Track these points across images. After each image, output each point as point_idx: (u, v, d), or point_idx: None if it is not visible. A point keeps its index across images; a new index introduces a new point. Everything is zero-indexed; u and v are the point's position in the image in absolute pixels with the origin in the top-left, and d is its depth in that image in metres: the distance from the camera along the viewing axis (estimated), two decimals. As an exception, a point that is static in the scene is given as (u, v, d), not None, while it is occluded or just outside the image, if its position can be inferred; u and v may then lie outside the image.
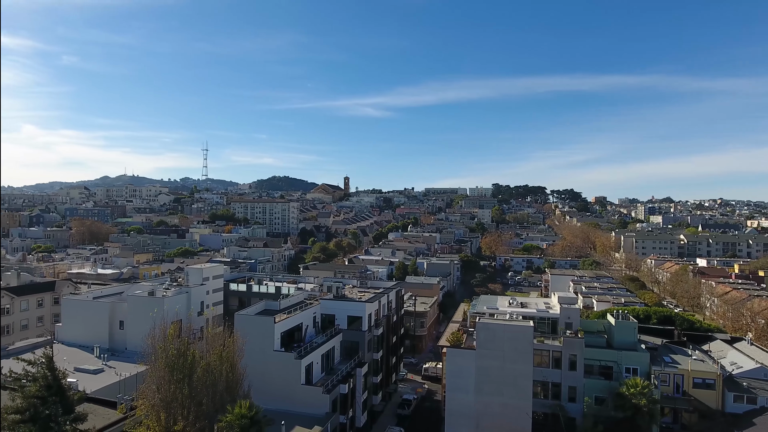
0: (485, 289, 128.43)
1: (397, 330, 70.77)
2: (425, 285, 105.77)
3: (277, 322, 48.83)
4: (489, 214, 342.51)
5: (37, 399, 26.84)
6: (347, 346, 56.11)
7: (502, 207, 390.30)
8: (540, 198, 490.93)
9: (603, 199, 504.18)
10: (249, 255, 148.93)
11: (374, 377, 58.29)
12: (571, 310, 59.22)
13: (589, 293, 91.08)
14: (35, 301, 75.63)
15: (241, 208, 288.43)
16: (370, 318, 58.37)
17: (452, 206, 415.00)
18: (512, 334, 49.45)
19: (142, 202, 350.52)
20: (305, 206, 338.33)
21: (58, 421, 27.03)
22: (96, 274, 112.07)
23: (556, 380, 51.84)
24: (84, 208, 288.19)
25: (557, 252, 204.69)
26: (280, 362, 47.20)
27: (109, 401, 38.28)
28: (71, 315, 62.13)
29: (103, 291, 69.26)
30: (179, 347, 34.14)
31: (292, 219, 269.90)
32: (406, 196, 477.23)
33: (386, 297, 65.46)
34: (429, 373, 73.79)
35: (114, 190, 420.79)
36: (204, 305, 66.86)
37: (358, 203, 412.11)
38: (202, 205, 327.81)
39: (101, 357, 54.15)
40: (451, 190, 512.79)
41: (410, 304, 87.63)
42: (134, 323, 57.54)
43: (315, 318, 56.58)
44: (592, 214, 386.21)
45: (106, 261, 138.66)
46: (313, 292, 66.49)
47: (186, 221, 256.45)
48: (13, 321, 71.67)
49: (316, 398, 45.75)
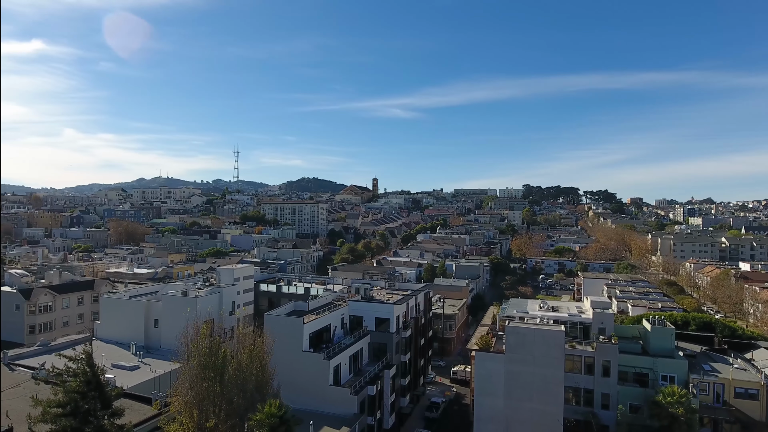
0: (515, 292, 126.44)
1: (425, 332, 70.42)
2: (454, 287, 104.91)
3: (306, 323, 49.30)
4: (519, 216, 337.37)
5: (77, 394, 27.57)
6: (375, 347, 56.15)
7: (532, 208, 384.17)
8: (572, 199, 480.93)
9: (639, 201, 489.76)
10: (278, 256, 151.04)
11: (402, 379, 58.15)
12: (605, 315, 57.66)
13: (624, 298, 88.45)
14: (76, 299, 78.59)
15: (271, 210, 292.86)
16: (398, 320, 58.27)
17: (482, 207, 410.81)
18: (543, 339, 48.47)
19: (176, 203, 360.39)
20: (334, 207, 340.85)
21: (96, 415, 27.70)
22: (132, 273, 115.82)
23: (588, 387, 50.63)
24: (121, 210, 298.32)
25: (590, 255, 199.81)
26: (308, 362, 47.60)
27: (144, 397, 39.30)
28: (109, 313, 64.32)
29: (138, 290, 71.44)
30: (211, 346, 34.85)
31: (321, 220, 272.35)
32: (434, 197, 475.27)
33: (414, 299, 65.24)
34: (458, 377, 73.12)
35: (149, 191, 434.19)
36: (235, 305, 68.13)
37: (386, 204, 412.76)
38: (233, 206, 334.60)
39: (137, 354, 55.83)
40: (480, 191, 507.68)
41: (438, 306, 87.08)
42: (168, 322, 59.07)
43: (343, 319, 56.87)
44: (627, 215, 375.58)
45: (141, 261, 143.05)
46: (342, 294, 66.85)
47: (218, 222, 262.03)
48: (54, 318, 74.66)
49: (344, 399, 45.95)
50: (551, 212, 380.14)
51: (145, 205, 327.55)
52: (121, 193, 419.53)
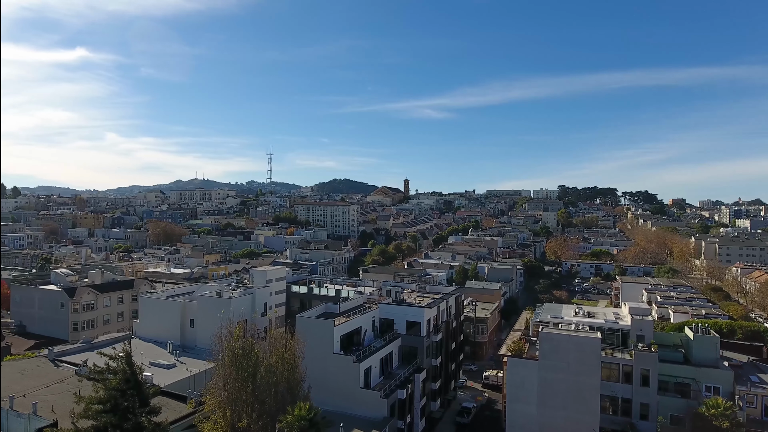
0: (550, 295, 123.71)
1: (457, 336, 69.71)
2: (486, 290, 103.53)
3: (336, 325, 49.51)
4: (554, 217, 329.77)
5: (117, 391, 28.36)
6: (406, 351, 55.91)
7: (568, 210, 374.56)
8: (610, 200, 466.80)
9: (681, 202, 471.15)
10: (310, 257, 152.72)
11: (433, 383, 57.71)
12: (644, 322, 55.69)
13: (665, 303, 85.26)
14: (116, 298, 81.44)
15: (303, 211, 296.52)
16: (429, 324, 57.88)
17: (515, 209, 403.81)
18: (578, 346, 47.19)
19: (212, 204, 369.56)
20: (365, 209, 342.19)
21: (135, 412, 28.44)
22: (169, 273, 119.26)
23: (626, 396, 49.02)
24: (159, 211, 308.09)
25: (629, 258, 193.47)
26: (339, 365, 47.79)
27: (180, 395, 40.14)
28: (147, 312, 66.32)
29: (175, 290, 73.40)
30: (244, 347, 35.43)
31: (352, 221, 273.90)
32: (466, 198, 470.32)
33: (445, 303, 64.70)
34: (489, 381, 72.05)
35: (186, 193, 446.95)
36: (267, 306, 69.16)
37: (417, 206, 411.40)
38: (266, 207, 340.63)
39: (174, 353, 57.23)
40: (514, 193, 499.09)
41: (470, 309, 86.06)
42: (203, 322, 60.43)
43: (374, 322, 56.88)
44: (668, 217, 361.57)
45: (178, 261, 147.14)
46: (372, 296, 66.94)
47: (251, 223, 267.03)
48: (96, 316, 77.61)
49: (374, 402, 45.89)
50: (588, 214, 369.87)
51: (182, 207, 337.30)
52: (159, 194, 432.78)
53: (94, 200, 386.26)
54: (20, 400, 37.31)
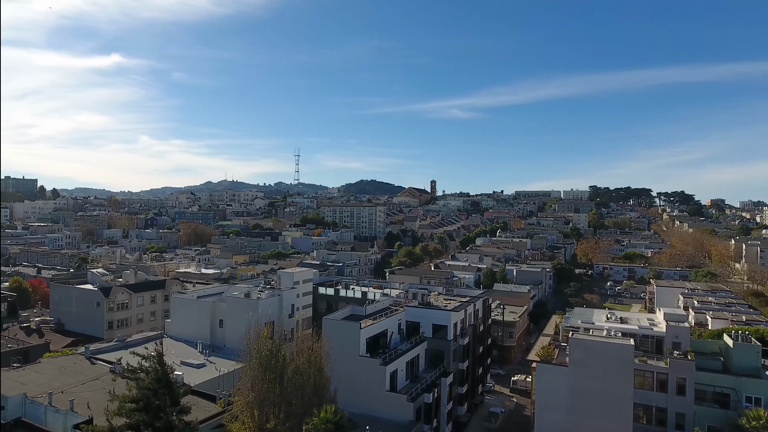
0: (580, 299, 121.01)
1: (484, 340, 68.87)
2: (514, 293, 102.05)
3: (363, 328, 49.60)
4: (585, 219, 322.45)
5: (149, 390, 29.01)
6: (432, 354, 55.55)
7: (600, 211, 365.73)
8: (644, 201, 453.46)
9: (720, 202, 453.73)
10: (337, 258, 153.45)
11: (460, 387, 57.15)
12: (680, 328, 53.75)
13: (703, 309, 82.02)
14: (149, 298, 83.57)
15: (330, 212, 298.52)
16: (456, 327, 57.35)
17: (544, 210, 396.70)
18: (610, 353, 45.99)
19: (240, 206, 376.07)
20: (391, 210, 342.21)
21: (166, 411, 28.97)
22: (200, 273, 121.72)
23: (661, 405, 47.34)
24: (190, 212, 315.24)
25: (664, 261, 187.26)
26: (365, 367, 47.82)
27: (209, 395, 40.87)
28: (178, 312, 67.83)
29: (205, 290, 74.87)
30: (271, 348, 35.78)
31: (379, 223, 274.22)
32: (494, 199, 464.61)
33: (473, 306, 64.01)
34: (518, 386, 70.94)
35: (216, 194, 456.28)
36: (294, 308, 69.73)
37: (444, 207, 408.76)
38: (293, 209, 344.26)
39: (203, 352, 58.32)
40: (543, 193, 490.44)
41: (498, 312, 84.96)
42: (232, 322, 61.37)
43: (400, 325, 56.72)
44: (706, 218, 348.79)
45: (208, 261, 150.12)
46: (399, 299, 66.74)
47: (279, 224, 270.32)
48: (130, 315, 79.83)
49: (400, 405, 45.71)
50: (620, 215, 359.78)
51: (212, 208, 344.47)
52: (190, 196, 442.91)
53: (129, 201, 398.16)
54: (58, 396, 38.61)
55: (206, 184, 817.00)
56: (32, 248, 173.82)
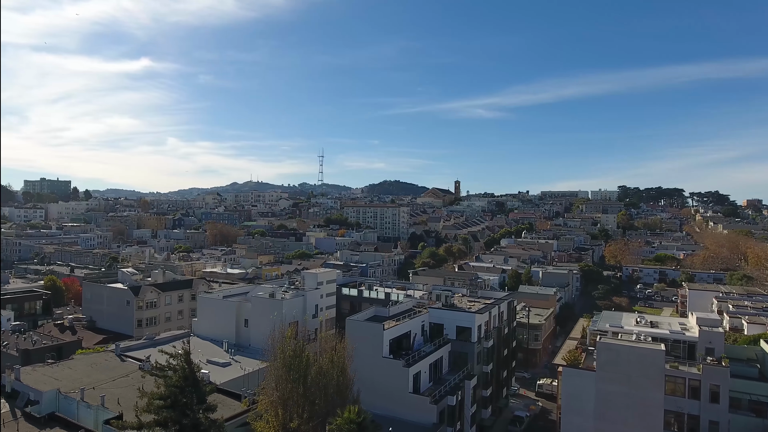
0: (609, 302, 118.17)
1: (509, 343, 67.93)
2: (540, 295, 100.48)
3: (386, 329, 49.48)
4: (614, 220, 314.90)
5: (176, 388, 29.51)
6: (456, 356, 55.07)
7: (629, 211, 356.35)
8: (676, 201, 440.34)
9: (757, 203, 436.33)
10: (360, 259, 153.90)
11: (484, 390, 56.50)
12: (714, 334, 52.00)
13: (738, 313, 79.18)
14: (176, 297, 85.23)
15: (354, 213, 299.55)
16: (480, 329, 56.70)
17: (571, 211, 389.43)
18: (639, 358, 44.83)
19: (265, 206, 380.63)
20: (415, 211, 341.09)
21: (193, 409, 29.40)
22: (226, 273, 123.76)
23: (693, 412, 45.86)
24: (216, 212, 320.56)
25: (697, 263, 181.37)
26: (388, 369, 47.68)
27: (234, 393, 41.43)
28: (205, 311, 68.99)
29: (231, 290, 75.97)
30: (295, 348, 36.03)
31: (402, 223, 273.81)
32: (519, 199, 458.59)
33: (497, 308, 63.22)
34: (544, 390, 69.75)
35: (241, 195, 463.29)
36: (318, 309, 70.13)
37: (468, 208, 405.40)
38: (317, 209, 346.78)
39: (229, 351, 59.12)
40: (570, 194, 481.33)
41: (523, 315, 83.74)
42: (257, 322, 62.10)
43: (423, 326, 56.41)
44: (742, 219, 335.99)
45: (234, 261, 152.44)
46: (422, 300, 66.42)
47: (303, 225, 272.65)
48: (158, 314, 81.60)
49: (423, 408, 45.45)
50: (651, 216, 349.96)
51: (238, 208, 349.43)
52: (216, 196, 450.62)
53: (157, 202, 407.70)
54: (90, 392, 39.70)
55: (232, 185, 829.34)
56: (66, 248, 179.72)
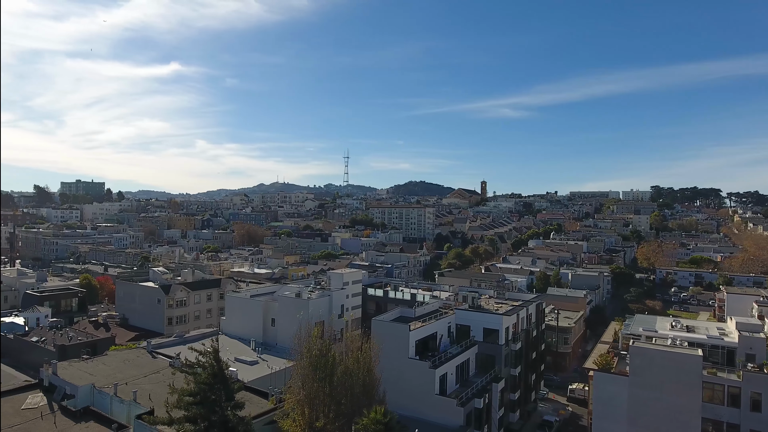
0: (641, 305, 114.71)
1: (537, 346, 66.64)
2: (569, 298, 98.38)
3: (412, 330, 49.15)
4: (646, 221, 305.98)
5: (205, 385, 29.94)
6: (483, 359, 54.29)
7: (663, 212, 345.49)
8: (713, 202, 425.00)
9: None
10: (386, 260, 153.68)
11: (512, 394, 55.54)
12: (755, 339, 49.80)
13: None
14: (205, 296, 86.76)
15: (379, 213, 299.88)
16: (508, 331, 55.78)
17: (601, 212, 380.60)
18: (675, 363, 43.29)
19: (291, 207, 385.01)
20: (441, 211, 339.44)
21: (221, 405, 29.77)
22: (253, 273, 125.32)
23: (733, 421, 44.03)
24: (244, 213, 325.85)
25: (736, 266, 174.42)
26: (414, 370, 47.34)
27: (261, 391, 41.67)
28: (233, 310, 69.96)
29: (258, 290, 76.83)
30: (321, 348, 36.08)
31: (428, 224, 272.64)
32: (548, 200, 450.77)
33: (525, 310, 62.10)
34: (576, 395, 68.05)
35: (268, 196, 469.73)
36: (344, 309, 70.26)
37: (495, 208, 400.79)
38: (343, 210, 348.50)
39: (256, 350, 59.80)
40: (600, 194, 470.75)
41: (552, 318, 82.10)
42: (284, 321, 62.58)
43: (450, 328, 55.84)
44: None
45: (261, 261, 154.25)
46: (448, 301, 65.81)
47: (329, 225, 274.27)
48: (188, 312, 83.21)
49: (449, 410, 44.92)
50: (686, 217, 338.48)
51: (265, 209, 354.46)
52: (243, 197, 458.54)
53: (186, 203, 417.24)
54: (123, 387, 40.63)
55: (259, 186, 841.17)
56: (100, 247, 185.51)
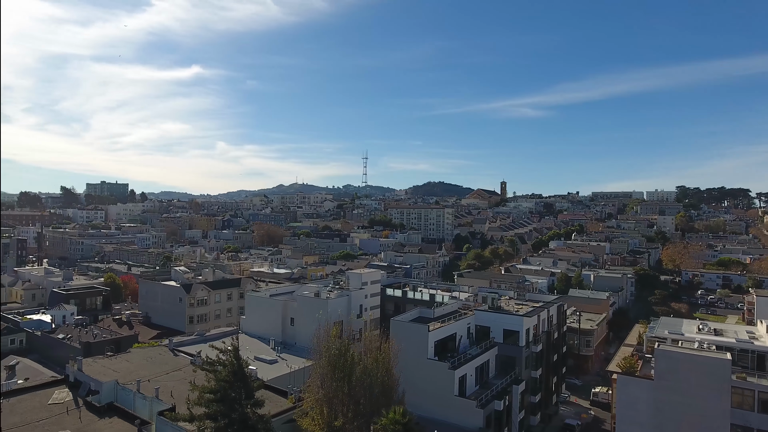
0: (666, 308, 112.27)
1: (559, 348, 65.59)
2: (592, 300, 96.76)
3: (431, 330, 48.85)
4: (672, 222, 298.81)
5: (225, 383, 30.16)
6: (503, 360, 53.65)
7: (689, 213, 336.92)
8: (741, 202, 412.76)
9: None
10: (404, 260, 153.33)
11: (532, 396, 54.75)
12: (787, 343, 48.09)
13: (812, 322, 73.20)
14: (225, 295, 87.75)
15: (398, 214, 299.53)
16: (528, 333, 55.01)
17: (625, 212, 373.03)
18: (702, 367, 42.04)
19: (310, 208, 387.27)
20: (460, 212, 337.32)
21: (241, 403, 29.96)
22: (272, 273, 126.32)
23: (763, 428, 42.59)
24: (263, 214, 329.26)
25: (766, 268, 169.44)
26: (433, 371, 47.03)
27: (281, 390, 41.78)
28: (252, 309, 70.54)
29: (277, 289, 77.35)
30: (340, 347, 36.03)
31: (447, 225, 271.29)
32: (569, 201, 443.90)
33: (546, 311, 61.18)
34: (599, 399, 66.68)
35: (287, 197, 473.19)
36: (362, 309, 70.18)
37: (515, 209, 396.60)
38: (361, 211, 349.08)
39: (275, 349, 60.14)
40: (623, 194, 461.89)
41: (574, 320, 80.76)
42: (302, 321, 62.83)
43: (469, 329, 55.32)
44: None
45: (280, 261, 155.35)
46: (468, 302, 65.23)
47: (347, 226, 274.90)
48: (209, 311, 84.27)
49: (469, 411, 44.49)
50: (713, 217, 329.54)
51: (284, 210, 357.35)
52: (263, 198, 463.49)
53: (207, 204, 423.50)
54: (145, 384, 41.19)
55: (278, 187, 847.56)
56: (123, 247, 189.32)
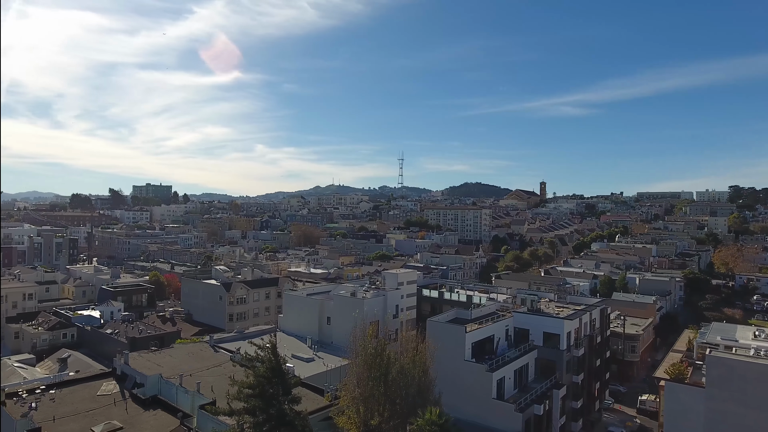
0: (718, 313, 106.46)
1: (602, 353, 63.31)
2: (637, 304, 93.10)
3: (468, 332, 48.09)
4: (724, 223, 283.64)
5: (263, 378, 30.55)
6: (542, 364, 52.20)
7: (743, 214, 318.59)
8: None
9: None
10: (441, 261, 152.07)
11: (574, 402, 53.04)
12: None
13: None
14: (264, 294, 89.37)
15: (434, 215, 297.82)
16: (570, 336, 53.33)
17: (673, 213, 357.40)
18: (759, 375, 39.50)
19: (346, 209, 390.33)
20: (498, 213, 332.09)
21: (278, 399, 30.27)
22: (309, 273, 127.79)
23: (829, 443, 39.58)
24: (300, 215, 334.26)
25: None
26: (470, 372, 46.25)
27: (317, 388, 42.08)
28: (290, 308, 71.47)
29: (314, 289, 78.15)
30: (376, 347, 35.92)
31: (484, 226, 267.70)
32: (612, 201, 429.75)
33: (588, 315, 59.18)
34: (647, 408, 63.81)
35: (324, 198, 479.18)
36: (398, 309, 69.86)
37: (555, 210, 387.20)
38: (397, 212, 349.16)
39: (312, 347, 60.69)
40: (671, 195, 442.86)
41: (618, 324, 77.90)
42: (339, 320, 63.15)
43: (507, 331, 54.15)
44: None
45: (317, 261, 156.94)
46: (506, 304, 63.93)
47: (383, 227, 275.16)
48: (248, 309, 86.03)
49: (507, 415, 43.46)
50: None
51: (320, 211, 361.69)
52: (300, 199, 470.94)
53: (246, 205, 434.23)
54: (187, 378, 42.38)
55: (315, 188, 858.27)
56: (167, 247, 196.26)
